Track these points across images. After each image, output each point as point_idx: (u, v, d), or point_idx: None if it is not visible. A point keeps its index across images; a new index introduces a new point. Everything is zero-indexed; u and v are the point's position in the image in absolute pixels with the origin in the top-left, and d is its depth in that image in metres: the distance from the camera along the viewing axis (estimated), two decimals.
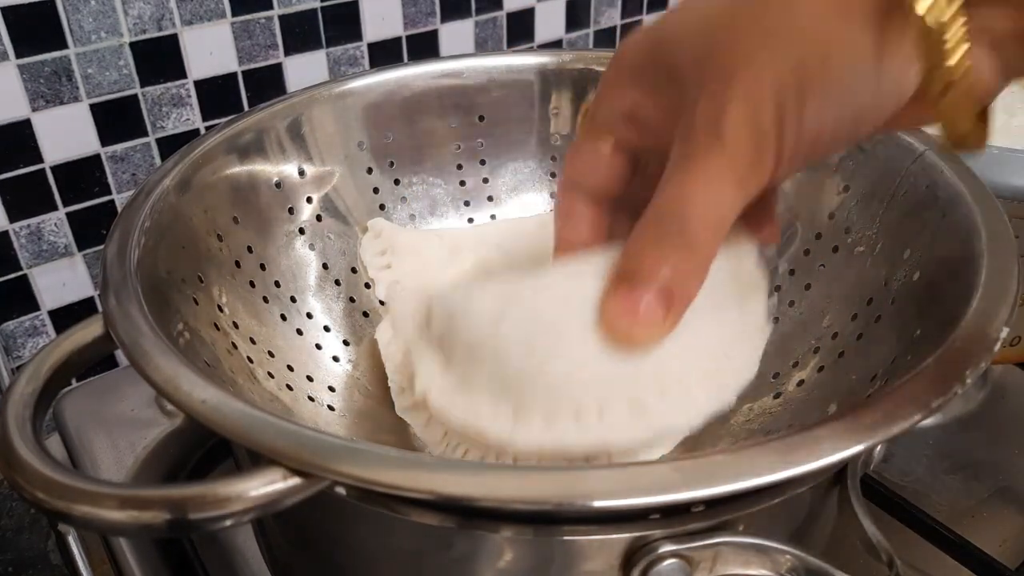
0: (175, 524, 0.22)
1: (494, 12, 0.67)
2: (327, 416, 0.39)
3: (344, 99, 0.44)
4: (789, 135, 0.23)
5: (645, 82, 0.27)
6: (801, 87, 0.22)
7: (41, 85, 0.50)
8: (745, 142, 0.23)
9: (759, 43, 0.23)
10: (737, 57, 0.23)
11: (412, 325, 0.30)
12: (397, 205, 0.47)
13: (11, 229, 0.52)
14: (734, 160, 0.23)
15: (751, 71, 0.23)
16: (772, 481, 0.22)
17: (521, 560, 0.26)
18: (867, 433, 0.23)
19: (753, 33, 0.23)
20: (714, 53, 0.24)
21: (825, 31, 0.22)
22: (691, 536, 0.24)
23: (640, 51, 0.27)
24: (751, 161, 0.23)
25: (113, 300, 0.29)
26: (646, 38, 0.27)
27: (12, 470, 0.24)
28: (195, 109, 0.56)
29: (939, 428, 0.48)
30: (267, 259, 0.41)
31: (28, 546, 0.59)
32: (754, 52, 0.23)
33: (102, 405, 0.51)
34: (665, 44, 0.26)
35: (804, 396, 0.37)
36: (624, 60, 0.27)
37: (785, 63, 0.22)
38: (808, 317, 0.39)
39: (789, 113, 0.23)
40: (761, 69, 0.23)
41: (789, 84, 0.22)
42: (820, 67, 0.22)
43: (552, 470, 0.23)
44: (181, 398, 0.25)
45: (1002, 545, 0.42)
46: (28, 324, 0.56)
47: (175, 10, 0.53)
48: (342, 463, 0.22)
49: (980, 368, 0.25)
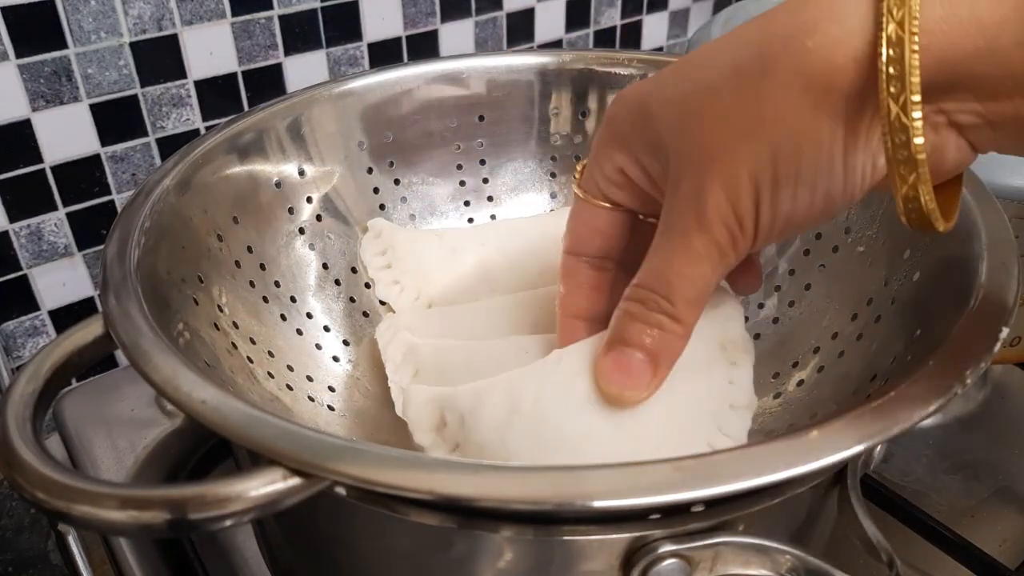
0: (175, 524, 0.22)
1: (494, 12, 0.67)
2: (327, 416, 0.39)
3: (344, 99, 0.44)
4: (765, 218, 0.25)
5: (633, 149, 0.28)
6: (775, 178, 0.24)
7: (41, 85, 0.50)
8: (724, 225, 0.26)
9: (736, 134, 0.24)
10: (715, 146, 0.25)
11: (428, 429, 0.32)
12: (397, 205, 0.47)
13: (11, 229, 0.52)
14: (714, 240, 0.26)
15: (729, 161, 0.25)
16: (772, 481, 0.22)
17: (521, 560, 0.26)
18: (867, 433, 0.23)
19: (730, 123, 0.25)
20: (695, 136, 0.26)
21: (798, 126, 0.24)
22: (691, 536, 0.24)
23: (628, 119, 0.28)
24: (730, 241, 0.26)
25: (113, 300, 0.29)
26: (634, 105, 0.28)
27: (12, 470, 0.24)
28: (195, 109, 0.56)
29: (939, 428, 0.48)
30: (267, 259, 0.41)
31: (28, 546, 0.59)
32: (731, 142, 0.25)
33: (102, 405, 0.51)
34: (650, 116, 0.27)
35: (804, 396, 0.37)
36: (614, 126, 0.29)
37: (760, 155, 0.24)
38: (808, 317, 0.39)
39: (764, 200, 0.25)
40: (738, 159, 0.25)
41: (764, 175, 0.24)
42: (793, 160, 0.24)
43: (552, 470, 0.23)
44: (181, 398, 0.25)
45: (1002, 545, 0.42)
46: (28, 324, 0.56)
47: (175, 10, 0.53)
48: (342, 463, 0.22)
49: (980, 368, 0.25)
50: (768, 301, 0.41)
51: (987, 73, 0.22)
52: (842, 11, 0.23)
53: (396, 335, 0.40)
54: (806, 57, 0.23)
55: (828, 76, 0.23)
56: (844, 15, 0.23)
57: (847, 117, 0.23)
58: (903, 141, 0.22)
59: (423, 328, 0.40)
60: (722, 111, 0.25)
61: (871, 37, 0.22)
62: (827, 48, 0.23)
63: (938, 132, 0.23)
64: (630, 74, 0.47)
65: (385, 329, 0.41)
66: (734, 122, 0.24)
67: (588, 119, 0.48)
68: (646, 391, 0.29)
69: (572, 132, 0.48)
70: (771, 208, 0.25)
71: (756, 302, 0.41)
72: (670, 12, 0.80)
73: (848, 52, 0.22)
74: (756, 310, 0.41)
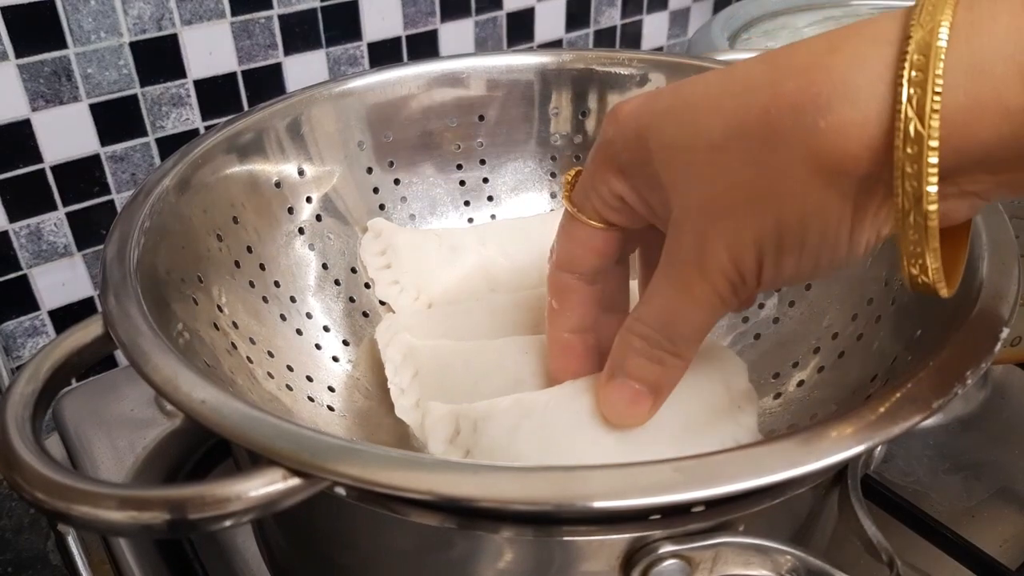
0: (175, 524, 0.22)
1: (494, 12, 0.67)
2: (327, 416, 0.39)
3: (344, 99, 0.44)
4: (767, 276, 0.25)
5: (632, 181, 0.28)
6: (780, 245, 0.24)
7: (41, 85, 0.50)
8: (726, 279, 0.26)
9: (741, 199, 0.24)
10: (719, 206, 0.25)
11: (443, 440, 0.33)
12: (397, 205, 0.47)
13: (11, 229, 0.52)
14: (716, 291, 0.26)
15: (733, 224, 0.24)
16: (772, 481, 0.22)
17: (521, 560, 0.26)
18: (867, 434, 0.23)
19: (736, 188, 0.24)
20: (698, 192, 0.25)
21: (805, 203, 0.23)
22: (691, 536, 0.24)
23: (625, 151, 0.27)
24: (731, 291, 0.26)
25: (113, 300, 0.29)
26: (631, 139, 0.27)
27: (12, 470, 0.23)
28: (195, 109, 0.56)
29: (940, 428, 0.48)
30: (267, 259, 0.41)
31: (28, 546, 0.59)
32: (736, 206, 0.24)
33: (102, 405, 0.51)
34: (648, 158, 0.26)
35: (804, 396, 0.37)
36: (611, 150, 0.28)
37: (765, 223, 0.24)
38: (808, 317, 0.39)
39: (768, 263, 0.25)
40: (742, 224, 0.24)
41: (769, 242, 0.24)
42: (798, 232, 0.24)
43: (552, 470, 0.23)
44: (180, 398, 0.25)
45: (1002, 545, 0.41)
46: (28, 324, 0.56)
47: (175, 10, 0.53)
48: (342, 463, 0.22)
49: (981, 368, 0.25)
50: (768, 301, 0.41)
51: (1008, 154, 0.21)
52: (856, 88, 0.21)
53: (396, 336, 0.40)
54: (818, 139, 0.22)
55: (840, 162, 0.22)
56: (858, 94, 0.21)
57: (856, 199, 0.23)
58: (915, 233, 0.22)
59: (423, 328, 0.40)
60: (727, 175, 0.24)
61: (887, 126, 0.21)
62: (840, 133, 0.22)
63: (948, 200, 0.23)
64: (630, 74, 0.47)
65: (385, 329, 0.41)
66: (740, 188, 0.24)
67: (588, 119, 0.48)
68: (647, 416, 0.30)
69: (572, 132, 0.48)
70: (774, 269, 0.25)
71: (756, 302, 0.41)
72: (670, 12, 0.80)
73: (863, 140, 0.21)
74: (756, 310, 0.41)
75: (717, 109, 0.24)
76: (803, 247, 0.24)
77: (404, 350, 0.39)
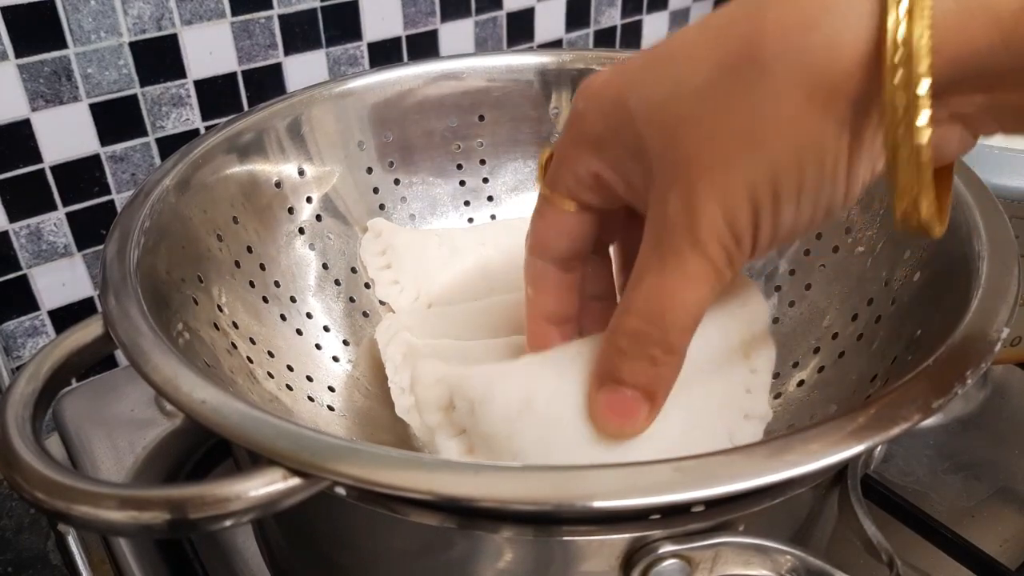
0: (175, 524, 0.22)
1: (494, 12, 0.67)
2: (327, 416, 0.39)
3: (344, 99, 0.44)
4: (764, 234, 0.24)
5: (610, 154, 0.26)
6: (776, 193, 0.23)
7: (41, 85, 0.50)
8: (720, 244, 0.24)
9: (730, 145, 0.22)
10: (707, 158, 0.23)
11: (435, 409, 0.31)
12: (397, 205, 0.47)
13: (11, 229, 0.52)
14: (710, 261, 0.24)
15: (723, 175, 0.23)
16: (772, 481, 0.22)
17: (521, 560, 0.26)
18: (867, 434, 0.23)
19: (723, 132, 0.22)
20: (683, 146, 0.23)
21: (800, 136, 0.22)
22: (691, 536, 0.24)
23: (602, 120, 0.26)
24: (726, 260, 0.24)
25: (113, 300, 0.29)
26: (608, 105, 0.25)
27: (12, 470, 0.23)
28: (195, 109, 0.56)
29: (940, 428, 0.48)
30: (267, 259, 0.41)
31: (28, 546, 0.59)
32: (725, 154, 0.23)
33: (102, 405, 0.51)
34: (629, 119, 0.25)
35: (804, 396, 0.37)
36: (585, 125, 0.26)
37: (758, 169, 0.22)
38: (808, 317, 0.39)
39: (764, 216, 0.23)
40: (733, 174, 0.23)
41: (764, 190, 0.23)
42: (795, 173, 0.22)
43: (552, 470, 0.23)
44: (181, 398, 0.25)
45: (1002, 545, 0.41)
46: (28, 324, 0.56)
47: (175, 10, 0.53)
48: (342, 463, 0.22)
49: (981, 368, 0.25)
50: (768, 301, 0.41)
51: (999, 67, 0.20)
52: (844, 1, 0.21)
53: (396, 335, 0.40)
54: (808, 58, 0.21)
55: (833, 81, 0.21)
56: (848, 7, 0.21)
57: (852, 125, 0.21)
58: (909, 152, 0.21)
59: (423, 328, 0.40)
60: (713, 119, 0.23)
61: (877, 36, 0.20)
62: (831, 48, 0.21)
63: (941, 126, 0.22)
64: None
65: (385, 329, 0.41)
66: (727, 131, 0.22)
67: None
68: (644, 425, 0.27)
69: None
70: (771, 224, 0.23)
71: None
72: (670, 12, 0.80)
73: (854, 54, 0.20)
74: None
75: (698, 54, 0.23)
76: (801, 191, 0.23)
77: (404, 349, 0.39)
